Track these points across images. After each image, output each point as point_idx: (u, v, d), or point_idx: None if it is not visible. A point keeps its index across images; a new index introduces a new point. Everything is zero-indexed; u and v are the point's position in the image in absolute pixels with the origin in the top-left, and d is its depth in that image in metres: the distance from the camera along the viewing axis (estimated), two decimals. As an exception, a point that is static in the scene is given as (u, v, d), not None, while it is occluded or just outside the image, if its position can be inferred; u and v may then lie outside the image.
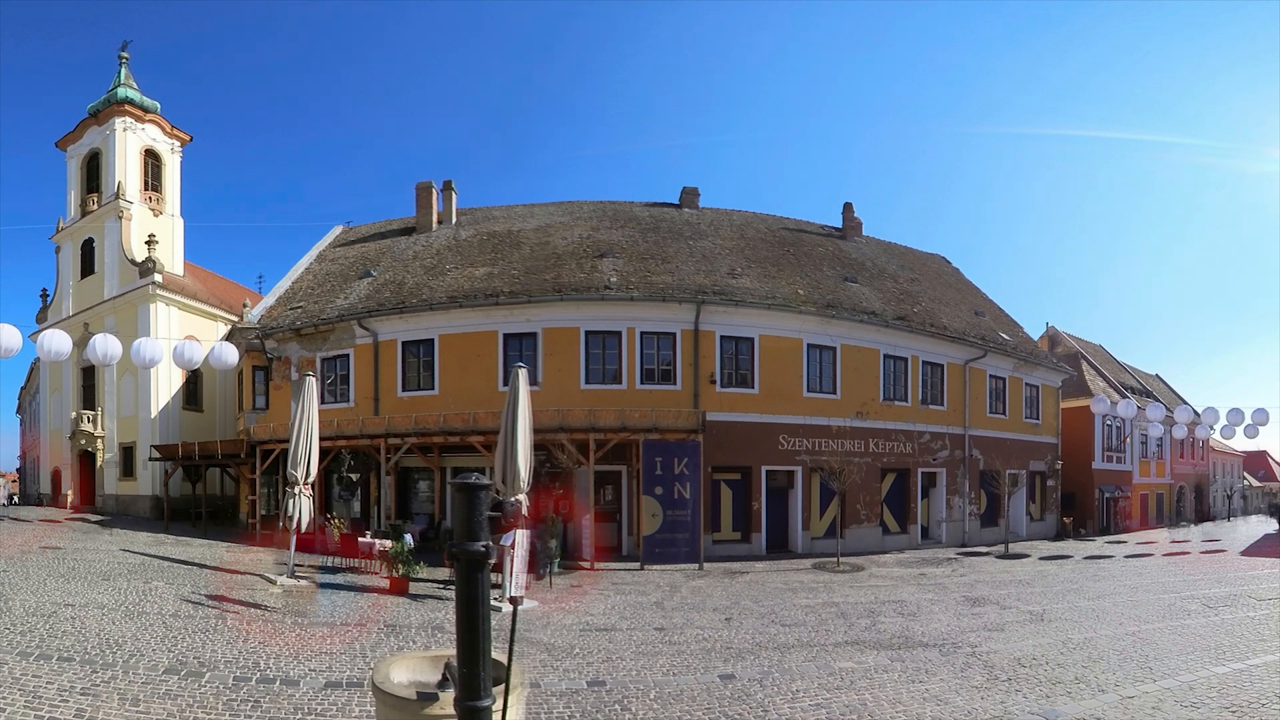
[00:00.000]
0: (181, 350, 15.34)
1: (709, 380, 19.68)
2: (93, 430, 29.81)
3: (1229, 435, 23.41)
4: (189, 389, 29.99)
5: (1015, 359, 26.24)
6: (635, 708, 6.31)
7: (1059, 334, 37.55)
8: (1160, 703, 6.51)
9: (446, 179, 27.23)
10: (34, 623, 8.58)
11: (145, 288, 28.22)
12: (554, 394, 18.65)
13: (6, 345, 12.69)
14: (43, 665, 6.79)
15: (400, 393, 20.60)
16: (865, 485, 21.31)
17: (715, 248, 23.74)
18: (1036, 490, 27.91)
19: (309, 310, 22.62)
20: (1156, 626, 10.13)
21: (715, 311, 19.88)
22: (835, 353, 21.35)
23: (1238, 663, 7.94)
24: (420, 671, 3.25)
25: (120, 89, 30.22)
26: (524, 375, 11.86)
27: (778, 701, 6.54)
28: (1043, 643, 8.99)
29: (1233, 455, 55.08)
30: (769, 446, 20.03)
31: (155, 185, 30.97)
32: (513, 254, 22.69)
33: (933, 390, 23.51)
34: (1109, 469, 32.94)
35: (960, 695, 6.74)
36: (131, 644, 7.82)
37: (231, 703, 6.06)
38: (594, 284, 20.21)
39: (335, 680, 6.83)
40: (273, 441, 19.81)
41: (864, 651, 8.51)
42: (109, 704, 5.83)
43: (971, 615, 11.05)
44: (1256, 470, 66.67)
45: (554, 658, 8.03)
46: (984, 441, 24.72)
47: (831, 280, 23.76)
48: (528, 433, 11.71)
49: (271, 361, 22.69)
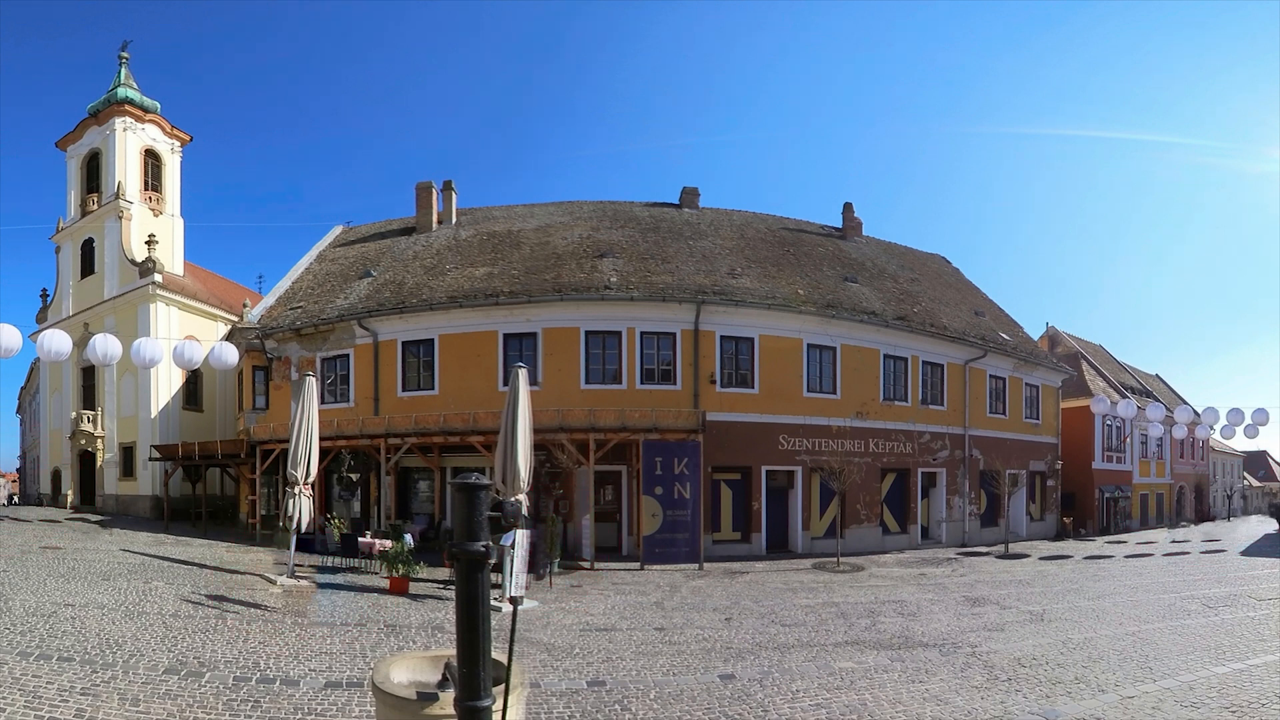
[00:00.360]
0: (181, 350, 15.35)
1: (709, 380, 19.68)
2: (93, 430, 29.82)
3: (1229, 435, 23.42)
4: (189, 389, 30.00)
5: (1015, 359, 26.25)
6: (635, 708, 6.31)
7: (1059, 334, 37.56)
8: (1160, 703, 6.51)
9: (446, 179, 27.29)
10: (34, 623, 8.57)
11: (145, 288, 28.24)
12: (554, 394, 18.65)
13: (6, 345, 12.70)
14: (43, 665, 6.79)
15: (400, 393, 20.61)
16: (865, 485, 21.31)
17: (715, 248, 23.74)
18: (1036, 490, 27.91)
19: (309, 310, 22.62)
20: (1156, 626, 10.13)
21: (715, 311, 19.88)
22: (835, 353, 21.36)
23: (1238, 663, 7.94)
24: (420, 671, 3.25)
25: (120, 89, 30.23)
26: (524, 375, 11.87)
27: (778, 701, 6.54)
28: (1043, 643, 8.99)
29: (1233, 455, 55.10)
30: (769, 446, 20.03)
31: (155, 185, 30.98)
32: (513, 254, 22.69)
33: (933, 390, 23.52)
34: (1109, 469, 32.94)
35: (960, 695, 6.74)
36: (131, 644, 7.82)
37: (231, 703, 6.05)
38: (594, 284, 20.21)
39: (335, 680, 6.83)
40: (273, 441, 19.81)
41: (864, 651, 8.51)
42: (109, 704, 5.82)
43: (971, 615, 11.05)
44: (1256, 470, 66.69)
45: (554, 658, 8.03)
46: (984, 441, 24.73)
47: (831, 280, 23.77)
48: (528, 433, 11.71)
49: (271, 361, 22.69)
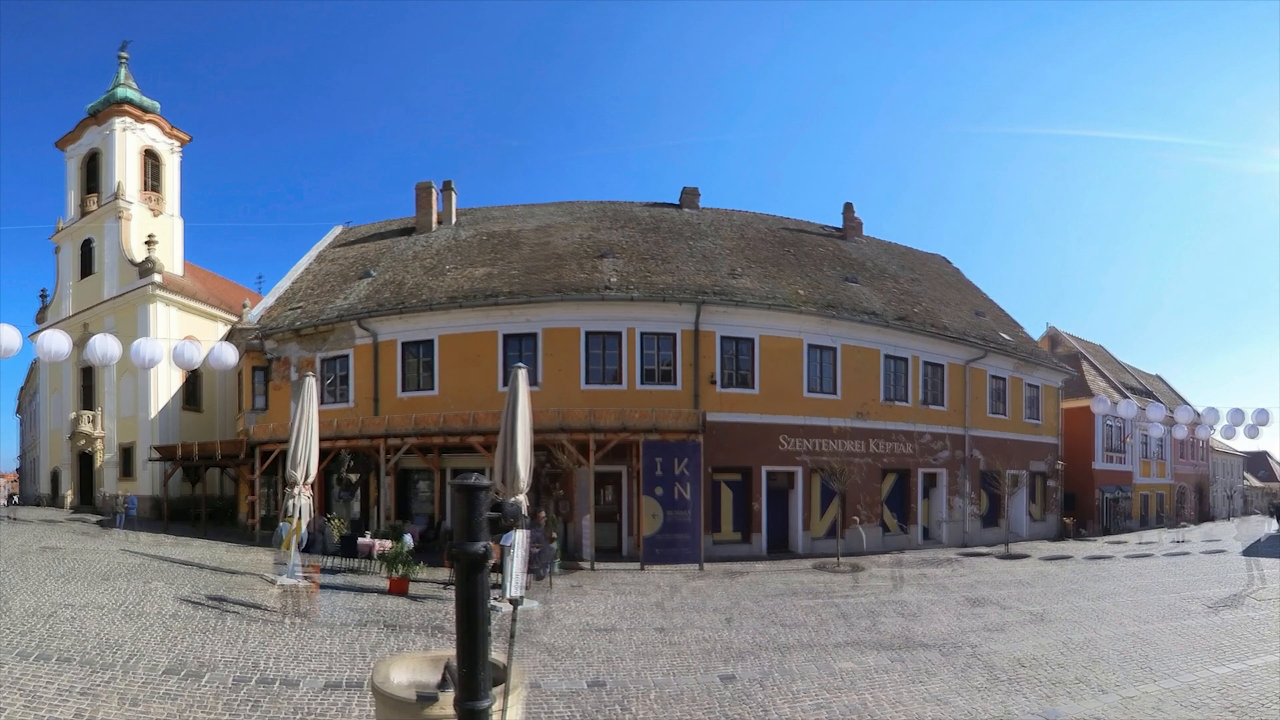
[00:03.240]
0: (181, 350, 15.31)
1: (709, 380, 19.66)
2: (92, 430, 29.81)
3: (1229, 435, 23.29)
4: (188, 389, 30.00)
5: (1016, 359, 26.23)
6: (635, 708, 6.30)
7: (1059, 334, 37.54)
8: (1161, 703, 6.50)
9: (446, 179, 27.28)
10: (33, 623, 8.56)
11: (145, 288, 28.24)
12: (554, 394, 18.63)
13: (6, 345, 12.67)
14: (42, 666, 6.78)
15: (400, 393, 20.59)
16: (866, 486, 21.29)
17: (715, 248, 23.73)
18: (1037, 491, 27.88)
19: (309, 310, 22.60)
20: (1157, 627, 10.12)
21: (715, 312, 19.87)
22: (835, 353, 21.34)
23: (1238, 663, 7.93)
24: (420, 672, 3.25)
25: (120, 89, 30.24)
26: (524, 375, 11.85)
27: (778, 702, 6.53)
28: (1043, 643, 8.98)
29: (1233, 455, 55.05)
30: (769, 447, 20.02)
31: (155, 185, 30.98)
32: (513, 254, 22.68)
33: (933, 390, 23.50)
34: (1110, 469, 32.92)
35: (961, 696, 6.73)
36: (131, 645, 7.81)
37: (231, 703, 6.04)
38: (594, 284, 20.20)
39: (335, 681, 6.82)
40: (272, 442, 19.80)
41: (865, 652, 8.50)
42: (108, 705, 5.82)
43: (972, 616, 11.03)
44: (1257, 470, 66.66)
45: (554, 658, 8.02)
46: (984, 442, 24.71)
47: (832, 280, 23.75)
48: (528, 433, 11.69)
49: (271, 362, 22.67)
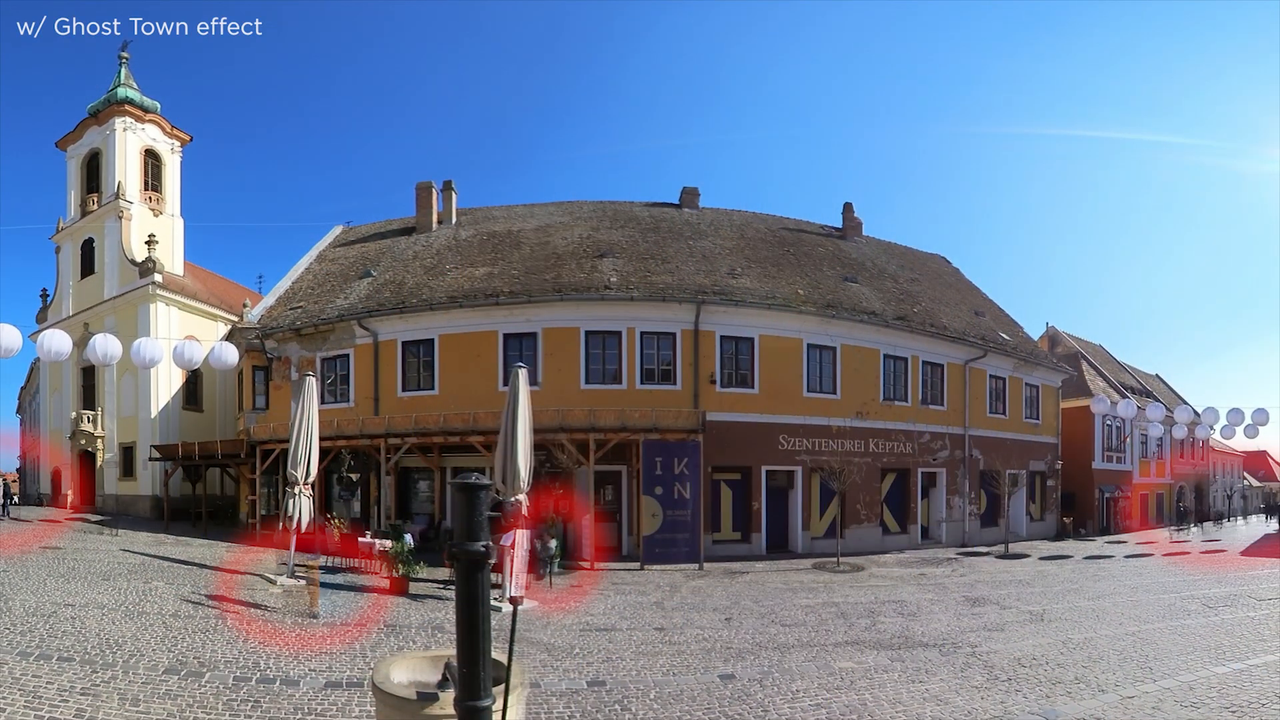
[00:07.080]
0: (181, 350, 15.32)
1: (709, 380, 19.68)
2: (93, 430, 29.81)
3: (1229, 435, 23.37)
4: (189, 389, 30.00)
5: (1015, 359, 26.24)
6: (635, 708, 6.31)
7: (1059, 334, 37.53)
8: (1160, 703, 6.51)
9: (446, 179, 27.25)
10: (34, 623, 8.57)
11: (145, 288, 28.23)
12: (554, 394, 18.64)
13: (6, 345, 12.68)
14: (43, 665, 6.79)
15: (400, 393, 20.60)
16: (865, 485, 21.31)
17: (715, 248, 23.74)
18: (1036, 490, 27.90)
19: (309, 310, 22.61)
20: (1156, 626, 10.13)
21: (715, 311, 19.88)
22: (835, 353, 21.36)
23: (1238, 663, 7.94)
24: (420, 671, 3.25)
25: (120, 89, 30.21)
26: (524, 375, 11.85)
27: (778, 702, 6.54)
28: (1043, 643, 8.99)
29: (1233, 455, 55.05)
30: (769, 446, 20.03)
31: (155, 185, 30.97)
32: (513, 254, 22.69)
33: (933, 390, 23.51)
34: (1109, 469, 32.92)
35: (960, 695, 6.74)
36: (131, 644, 7.82)
37: (231, 703, 6.05)
38: (594, 284, 20.21)
39: (335, 680, 6.83)
40: (273, 441, 19.81)
41: (864, 651, 8.51)
42: (109, 704, 5.83)
43: (971, 615, 11.05)
44: (1256, 470, 66.64)
45: (554, 658, 8.03)
46: (984, 441, 24.73)
47: (831, 280, 23.76)
48: (528, 433, 11.70)
49: (271, 361, 22.69)
